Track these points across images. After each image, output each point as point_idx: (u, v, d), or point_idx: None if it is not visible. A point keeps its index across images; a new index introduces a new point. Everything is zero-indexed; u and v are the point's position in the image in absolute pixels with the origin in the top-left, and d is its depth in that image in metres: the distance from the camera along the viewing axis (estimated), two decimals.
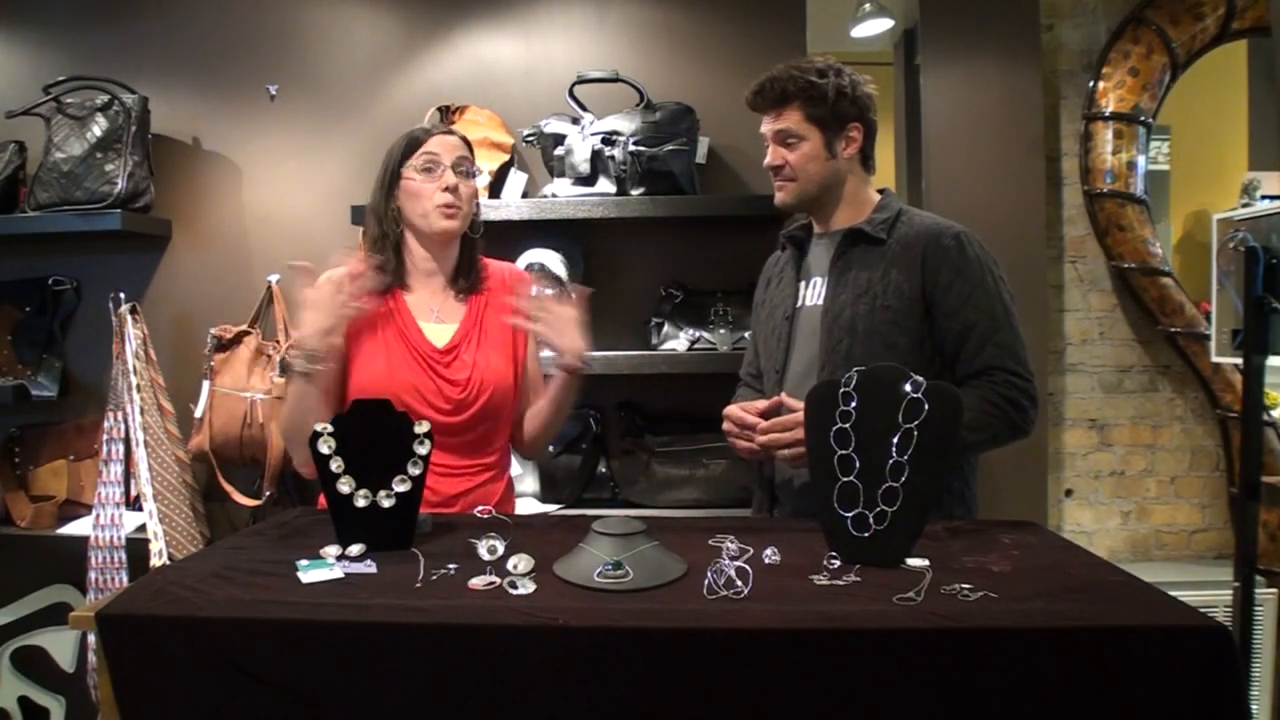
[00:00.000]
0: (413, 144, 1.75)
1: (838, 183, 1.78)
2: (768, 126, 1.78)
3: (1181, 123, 3.08)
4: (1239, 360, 2.16)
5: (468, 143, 1.81)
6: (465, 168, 1.76)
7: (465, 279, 1.82)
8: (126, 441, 2.46)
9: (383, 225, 1.77)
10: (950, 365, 1.68)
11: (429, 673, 1.10)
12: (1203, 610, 1.08)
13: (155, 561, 2.37)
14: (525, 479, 2.60)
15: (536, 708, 1.09)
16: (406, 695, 1.10)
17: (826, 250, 1.80)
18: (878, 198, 1.81)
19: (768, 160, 1.79)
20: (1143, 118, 2.81)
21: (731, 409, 1.74)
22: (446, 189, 1.72)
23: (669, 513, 2.43)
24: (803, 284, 1.84)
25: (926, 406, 1.29)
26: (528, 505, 2.55)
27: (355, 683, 1.10)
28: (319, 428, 1.39)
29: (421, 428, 1.42)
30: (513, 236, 2.52)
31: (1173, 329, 2.81)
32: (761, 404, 1.71)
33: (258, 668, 1.11)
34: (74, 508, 2.68)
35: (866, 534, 1.31)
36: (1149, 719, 1.04)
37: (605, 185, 2.48)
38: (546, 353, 1.81)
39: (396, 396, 1.62)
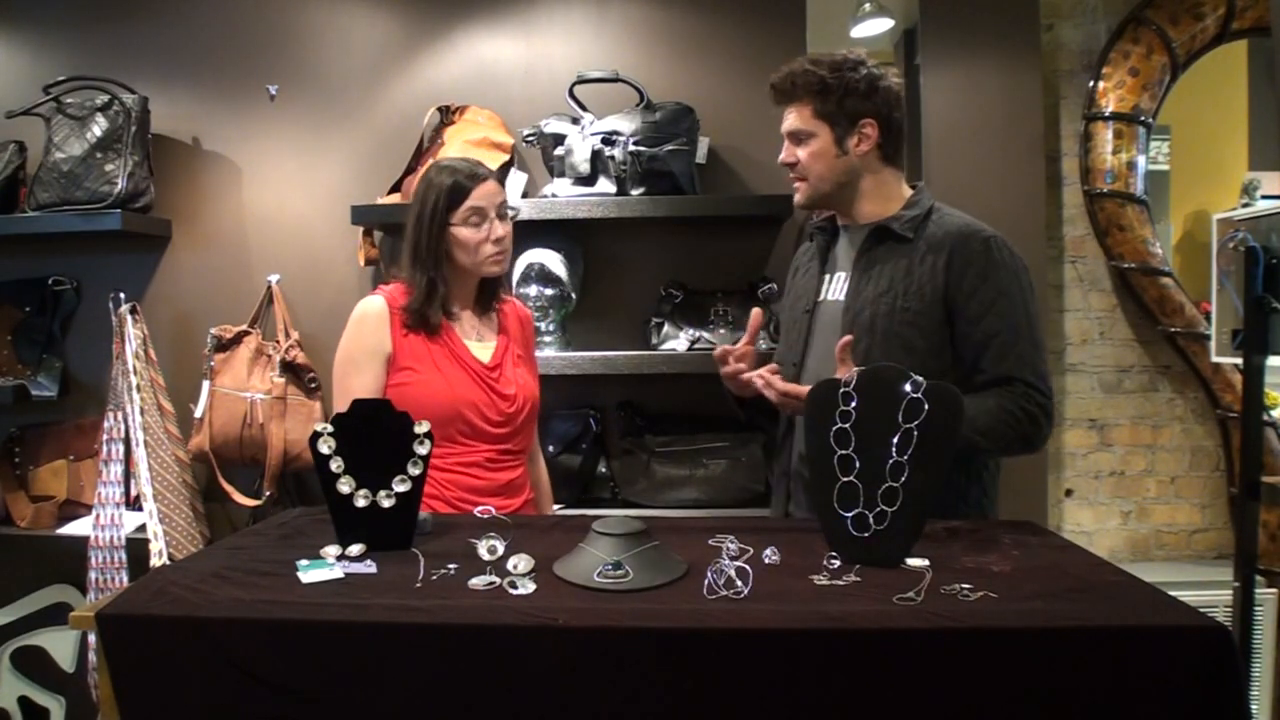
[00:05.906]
0: (456, 196, 1.82)
1: (852, 180, 1.73)
2: (784, 124, 1.76)
3: (1181, 123, 3.08)
4: (1239, 360, 2.16)
5: (500, 179, 1.91)
6: (504, 211, 1.88)
7: (491, 291, 1.96)
8: (126, 441, 2.46)
9: (427, 268, 1.84)
10: (969, 373, 1.63)
11: (429, 673, 1.10)
12: (1203, 610, 1.09)
13: (155, 561, 2.37)
14: None
15: (536, 708, 1.09)
16: (406, 695, 1.10)
17: (852, 244, 1.78)
18: (909, 193, 1.76)
19: (781, 157, 1.77)
20: (1143, 118, 2.81)
21: (720, 348, 1.76)
22: (494, 240, 1.85)
23: (669, 513, 2.43)
24: (827, 277, 1.82)
25: (926, 406, 1.29)
26: None
27: (355, 683, 1.10)
28: (319, 428, 1.40)
29: (421, 428, 1.42)
30: (513, 236, 2.52)
31: (1173, 329, 2.81)
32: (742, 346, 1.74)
33: (258, 668, 1.11)
34: (74, 508, 2.68)
35: (866, 534, 1.31)
36: (1149, 719, 1.04)
37: (605, 185, 2.47)
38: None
39: (458, 412, 1.79)
